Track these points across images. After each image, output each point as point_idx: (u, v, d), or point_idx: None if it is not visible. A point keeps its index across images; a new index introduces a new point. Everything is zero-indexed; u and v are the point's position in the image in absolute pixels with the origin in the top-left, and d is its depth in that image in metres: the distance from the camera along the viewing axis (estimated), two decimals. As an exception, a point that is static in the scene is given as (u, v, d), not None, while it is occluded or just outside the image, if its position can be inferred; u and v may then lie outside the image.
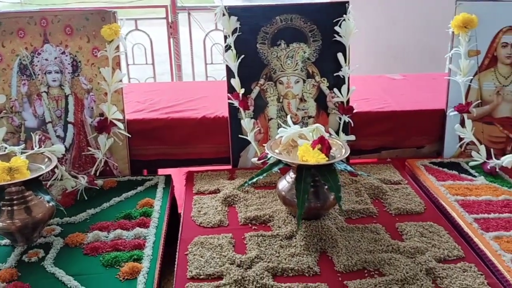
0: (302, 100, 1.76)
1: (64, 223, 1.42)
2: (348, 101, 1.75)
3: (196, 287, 1.14)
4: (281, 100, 1.75)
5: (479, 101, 1.79)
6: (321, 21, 1.72)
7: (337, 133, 1.75)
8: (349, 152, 1.35)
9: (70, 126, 1.69)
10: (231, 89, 1.70)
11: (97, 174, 1.66)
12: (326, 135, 1.36)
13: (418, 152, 1.92)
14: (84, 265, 1.24)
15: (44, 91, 1.66)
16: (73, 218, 1.44)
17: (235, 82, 1.68)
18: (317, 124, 1.38)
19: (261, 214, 1.44)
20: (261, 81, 1.73)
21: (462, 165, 1.77)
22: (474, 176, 1.69)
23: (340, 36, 1.70)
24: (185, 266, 1.22)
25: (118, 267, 1.22)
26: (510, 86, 1.83)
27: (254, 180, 1.34)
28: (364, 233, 1.35)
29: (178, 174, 1.82)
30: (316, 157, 1.26)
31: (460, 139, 1.80)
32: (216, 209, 1.48)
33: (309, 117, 1.77)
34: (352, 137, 1.73)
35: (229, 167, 1.78)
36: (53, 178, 1.55)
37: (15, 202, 1.26)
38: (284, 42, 1.72)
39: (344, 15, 1.69)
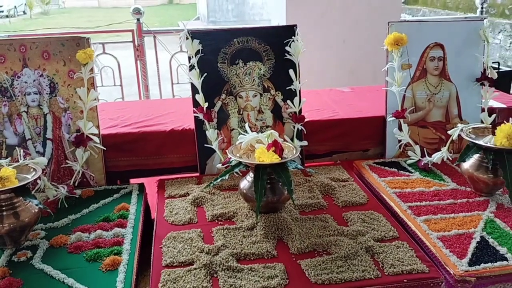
0: (260, 111, 1.98)
1: (48, 228, 1.57)
2: (300, 111, 1.97)
3: (171, 273, 1.32)
4: (241, 112, 1.97)
5: (413, 107, 2.06)
6: (274, 42, 1.95)
7: (292, 139, 1.97)
8: (298, 152, 1.57)
9: (49, 142, 1.84)
10: (196, 104, 1.90)
11: (76, 184, 1.82)
12: (280, 140, 1.58)
13: (364, 155, 2.16)
14: (69, 261, 1.39)
15: (24, 111, 1.81)
16: (56, 223, 1.59)
17: (200, 97, 1.88)
18: (272, 131, 1.59)
19: (226, 211, 1.63)
20: (223, 96, 1.94)
21: (401, 163, 2.02)
22: (411, 172, 1.94)
23: (290, 55, 1.94)
24: (160, 257, 1.40)
25: (100, 261, 1.38)
26: (439, 94, 2.11)
27: (219, 180, 1.54)
28: (315, 222, 1.57)
29: (150, 184, 1.98)
30: (270, 158, 1.48)
31: (399, 141, 2.06)
32: (186, 209, 1.66)
33: (267, 126, 1.98)
34: (304, 143, 1.96)
35: (197, 174, 1.97)
36: (35, 189, 1.70)
37: (4, 208, 1.40)
38: (242, 61, 1.94)
39: (293, 37, 1.93)
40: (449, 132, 1.81)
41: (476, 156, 1.72)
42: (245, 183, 1.59)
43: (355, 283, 1.28)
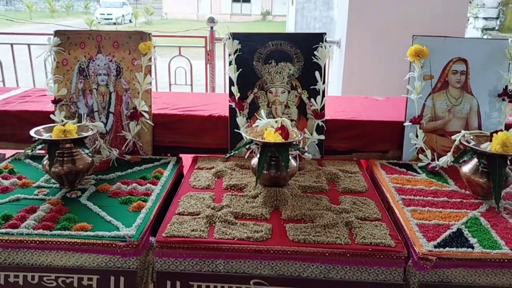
0: (286, 106, 2.25)
1: (98, 179, 1.97)
2: (322, 109, 2.21)
3: (180, 218, 1.64)
4: (270, 106, 2.25)
5: (428, 115, 2.21)
6: (304, 46, 2.22)
7: (311, 133, 2.21)
8: (302, 137, 1.83)
9: (111, 115, 2.26)
10: (231, 94, 2.22)
11: (127, 150, 2.21)
12: (290, 128, 1.84)
13: (384, 156, 2.33)
14: (107, 202, 1.76)
15: (95, 88, 2.25)
16: (105, 176, 1.99)
17: (234, 89, 2.20)
18: (283, 118, 1.86)
19: (239, 183, 1.92)
20: (255, 90, 2.24)
21: (413, 166, 2.17)
22: (419, 173, 2.09)
23: (317, 58, 2.19)
24: (176, 207, 1.72)
25: (129, 204, 1.73)
26: (459, 106, 2.23)
27: (232, 153, 1.85)
28: (311, 199, 1.80)
29: (188, 159, 2.33)
30: (275, 138, 1.75)
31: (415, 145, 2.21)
32: (207, 178, 1.98)
33: (292, 120, 2.24)
34: (321, 137, 2.20)
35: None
36: (93, 147, 2.13)
37: (65, 155, 1.82)
38: (274, 61, 2.23)
39: (321, 43, 2.19)
40: (452, 137, 1.95)
41: (474, 161, 1.85)
42: (255, 160, 1.87)
43: (325, 245, 1.50)
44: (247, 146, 1.84)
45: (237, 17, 29.42)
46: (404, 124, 2.22)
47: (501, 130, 1.79)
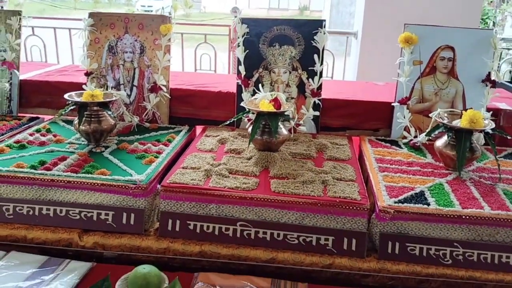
0: (287, 85, 2.52)
1: (120, 139, 2.30)
2: (319, 88, 2.47)
3: (183, 170, 1.95)
4: (272, 84, 2.53)
5: (416, 97, 2.43)
6: (305, 31, 2.48)
7: (308, 110, 2.47)
8: (292, 108, 2.10)
9: (134, 88, 2.60)
10: (238, 73, 2.51)
11: (147, 119, 2.55)
12: (284, 101, 2.11)
13: (375, 134, 2.56)
14: (125, 156, 2.09)
15: (121, 64, 2.59)
16: (126, 138, 2.33)
17: (241, 68, 2.49)
18: (278, 92, 2.14)
19: (239, 147, 2.21)
20: (260, 70, 2.52)
21: (398, 142, 2.40)
22: (401, 148, 2.33)
23: (316, 43, 2.45)
24: (181, 163, 2.04)
25: (143, 158, 2.06)
26: (446, 89, 2.44)
27: (232, 120, 2.15)
28: (298, 162, 2.07)
29: (199, 129, 2.63)
30: (267, 107, 2.03)
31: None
32: (212, 143, 2.28)
33: (292, 98, 2.51)
34: (317, 113, 2.46)
35: (233, 127, 2.57)
36: (117, 113, 2.47)
37: (92, 116, 2.16)
38: (278, 44, 2.50)
39: (320, 29, 2.44)
40: (430, 115, 2.17)
41: (446, 136, 2.07)
42: (251, 127, 2.16)
43: (301, 196, 1.77)
44: (247, 117, 2.13)
45: (274, 11, 29.55)
46: (393, 104, 2.45)
47: (471, 108, 2.00)
